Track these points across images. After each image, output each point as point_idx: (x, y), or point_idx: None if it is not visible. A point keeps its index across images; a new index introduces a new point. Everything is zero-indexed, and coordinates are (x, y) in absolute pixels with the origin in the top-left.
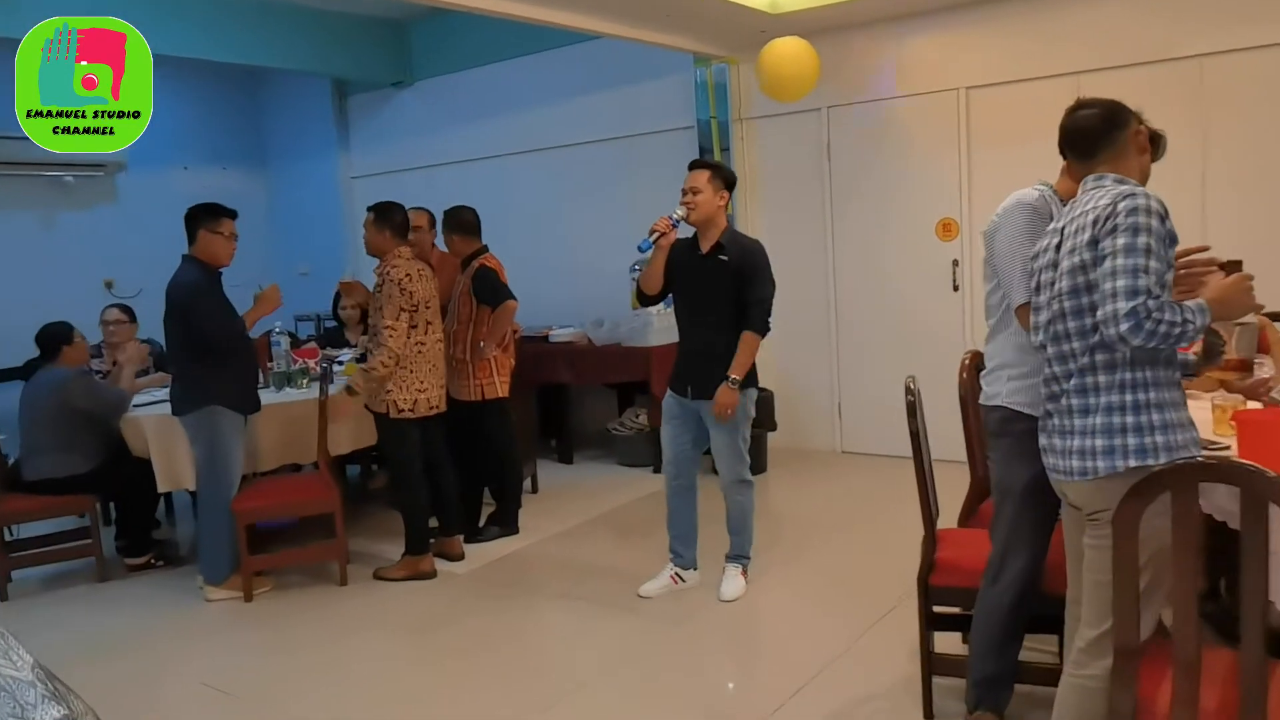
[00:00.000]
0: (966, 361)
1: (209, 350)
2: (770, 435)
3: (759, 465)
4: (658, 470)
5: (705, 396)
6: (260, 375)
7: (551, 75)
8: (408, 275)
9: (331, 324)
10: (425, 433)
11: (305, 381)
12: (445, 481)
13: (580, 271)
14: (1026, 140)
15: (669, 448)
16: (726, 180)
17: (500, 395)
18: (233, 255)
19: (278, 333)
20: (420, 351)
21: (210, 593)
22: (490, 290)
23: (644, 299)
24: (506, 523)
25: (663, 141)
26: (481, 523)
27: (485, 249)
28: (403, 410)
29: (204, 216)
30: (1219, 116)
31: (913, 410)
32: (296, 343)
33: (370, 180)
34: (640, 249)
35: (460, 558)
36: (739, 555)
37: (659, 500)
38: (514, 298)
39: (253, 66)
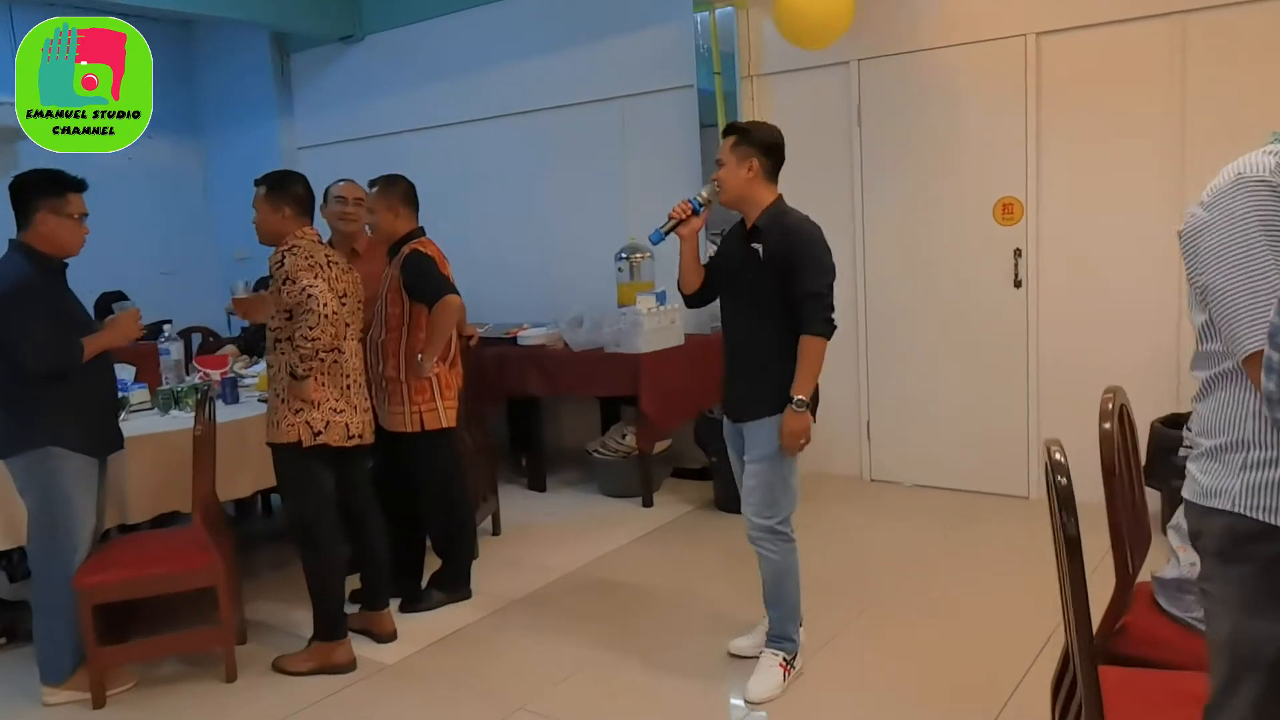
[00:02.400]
0: (1110, 405)
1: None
2: None
3: None
4: (648, 503)
5: (741, 418)
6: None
7: (524, 27)
8: (314, 258)
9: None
10: (344, 471)
11: (194, 402)
12: (372, 536)
13: (558, 260)
14: (1115, 101)
15: (738, 483)
16: (758, 144)
17: (445, 425)
18: (83, 242)
19: (166, 338)
20: (336, 363)
21: (48, 695)
22: (424, 281)
23: (688, 300)
24: (455, 585)
25: (656, 104)
26: (423, 584)
27: (420, 231)
28: (318, 434)
29: (44, 190)
30: None
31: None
32: (211, 345)
33: (318, 151)
34: (650, 241)
35: (392, 637)
36: (776, 638)
37: (658, 545)
38: (456, 291)
39: (179, 15)
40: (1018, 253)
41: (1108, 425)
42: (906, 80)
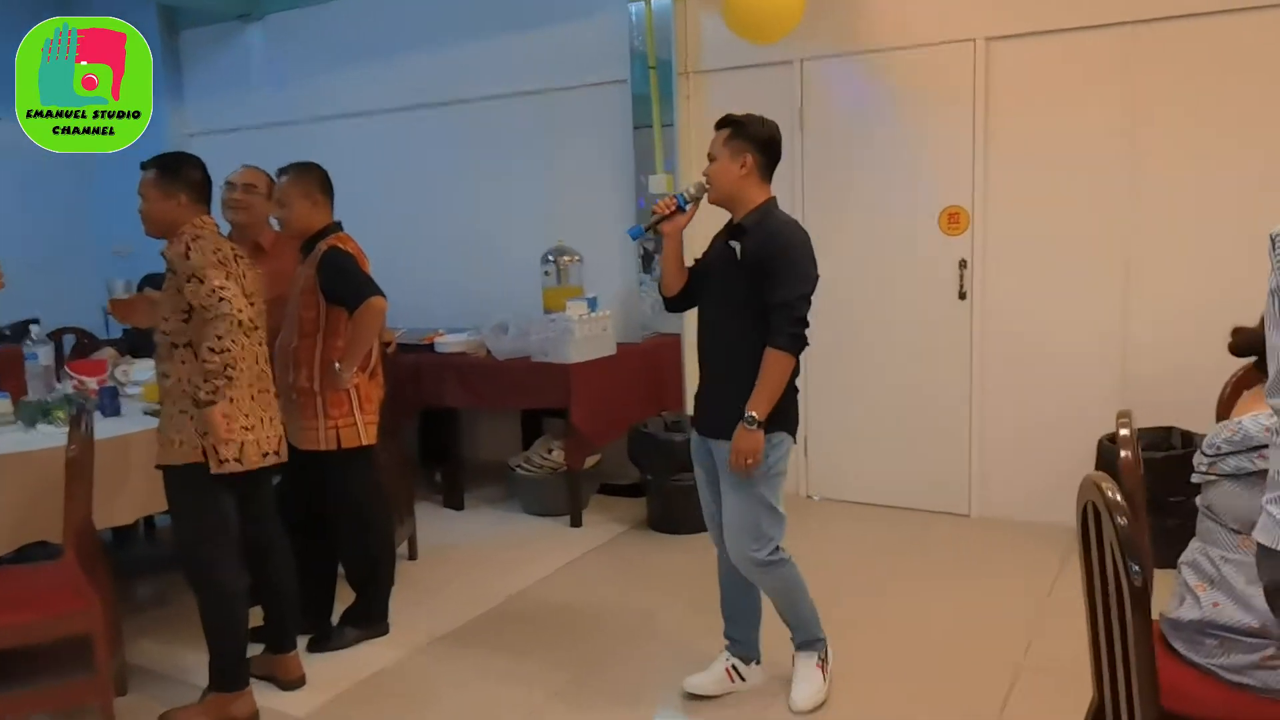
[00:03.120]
0: (1127, 432)
1: None
2: None
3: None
4: (577, 523)
5: (715, 435)
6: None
7: (443, 10)
8: (218, 250)
9: None
10: (248, 494)
11: (66, 415)
12: (277, 568)
13: (478, 262)
14: (1064, 110)
15: (703, 502)
16: (754, 139)
17: (364, 443)
18: None
19: (33, 340)
20: (241, 372)
21: None
22: (345, 282)
23: (668, 304)
24: (371, 620)
25: (587, 99)
26: (335, 620)
27: (338, 226)
28: (225, 461)
29: None
30: None
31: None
32: (87, 348)
33: (212, 139)
34: (631, 236)
35: (299, 683)
36: (808, 641)
37: (592, 570)
38: (380, 292)
39: None
40: (963, 264)
41: (1127, 453)
42: (852, 82)
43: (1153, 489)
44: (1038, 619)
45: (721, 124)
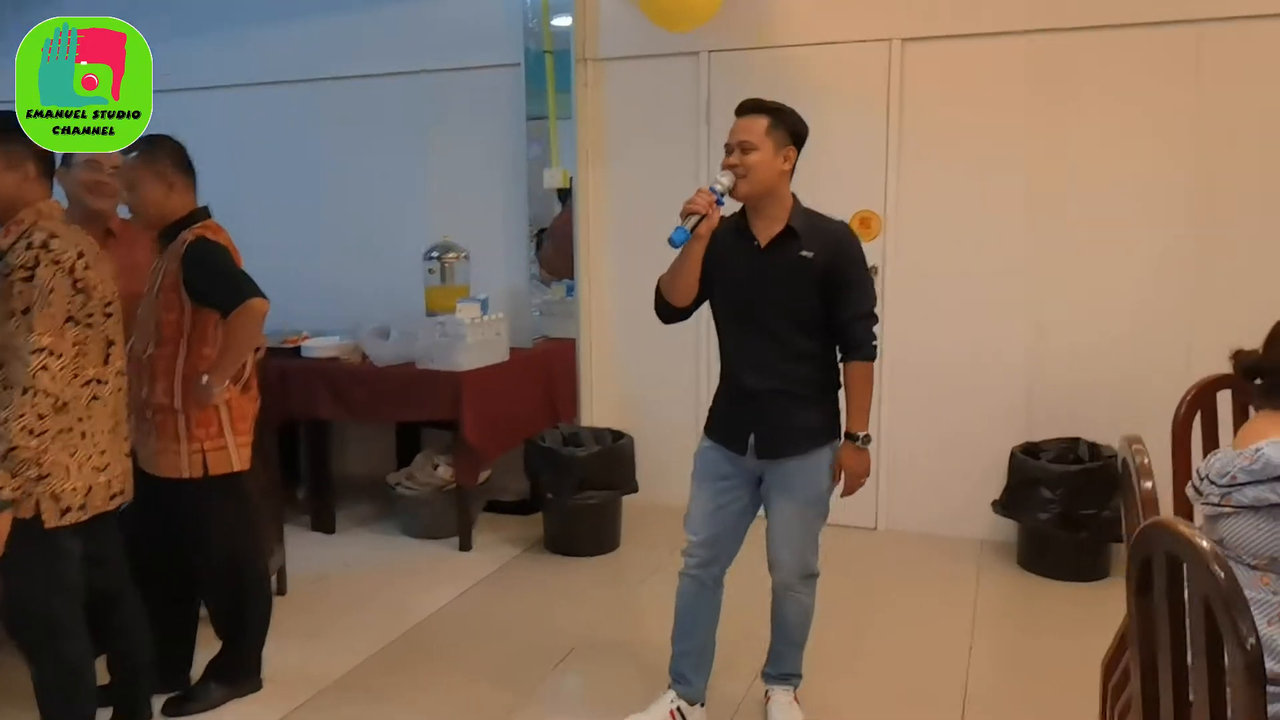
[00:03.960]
0: (1144, 460)
1: None
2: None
3: (611, 538)
4: (466, 547)
5: (775, 455)
6: None
7: None
8: (79, 254)
9: None
10: (92, 538)
11: None
12: (127, 622)
13: (353, 257)
14: (974, 115)
15: (706, 521)
16: (794, 133)
17: (236, 468)
18: None
19: None
20: (96, 399)
21: None
22: (217, 280)
23: (667, 312)
24: (240, 674)
25: (476, 82)
26: (197, 676)
27: (204, 212)
28: (68, 510)
29: None
30: (1216, 91)
31: None
32: None
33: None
34: (672, 243)
35: None
36: (791, 674)
37: (491, 600)
38: (261, 293)
39: None
40: (874, 270)
41: (1149, 484)
42: (763, 78)
43: (1066, 502)
44: (970, 643)
45: (753, 109)
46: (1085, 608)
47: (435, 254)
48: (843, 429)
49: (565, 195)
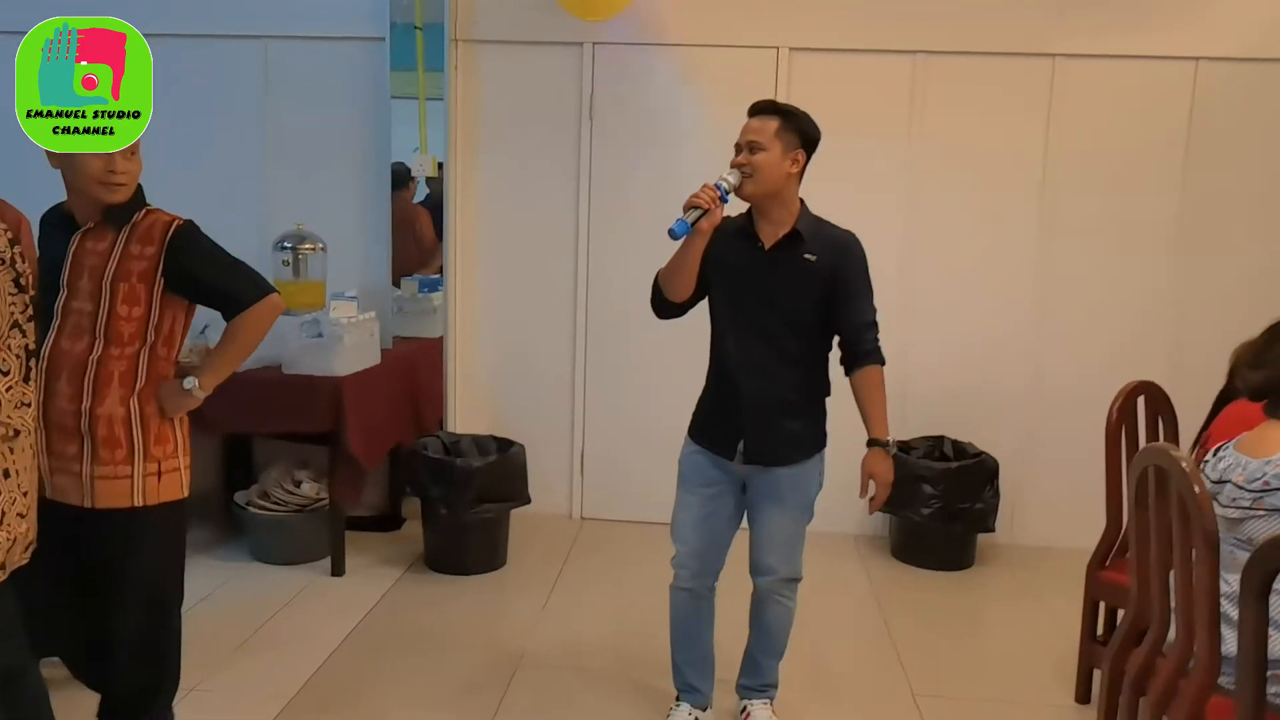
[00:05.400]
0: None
1: None
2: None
3: (498, 555)
4: (339, 571)
5: (765, 462)
6: None
7: None
8: (11, 239)
9: None
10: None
11: None
12: (31, 706)
13: None
14: (856, 128)
15: (696, 530)
16: (805, 136)
17: (185, 494)
18: None
19: None
20: (20, 414)
21: None
22: (227, 271)
23: (663, 308)
24: None
25: (334, 56)
26: None
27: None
28: None
29: None
30: (1069, 122)
31: None
32: None
33: None
34: (673, 235)
35: None
36: (770, 685)
37: (390, 636)
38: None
39: None
40: None
41: (1200, 489)
42: (651, 75)
43: (945, 498)
44: (891, 637)
45: (765, 110)
46: (969, 592)
47: (288, 244)
48: (827, 437)
49: (407, 178)
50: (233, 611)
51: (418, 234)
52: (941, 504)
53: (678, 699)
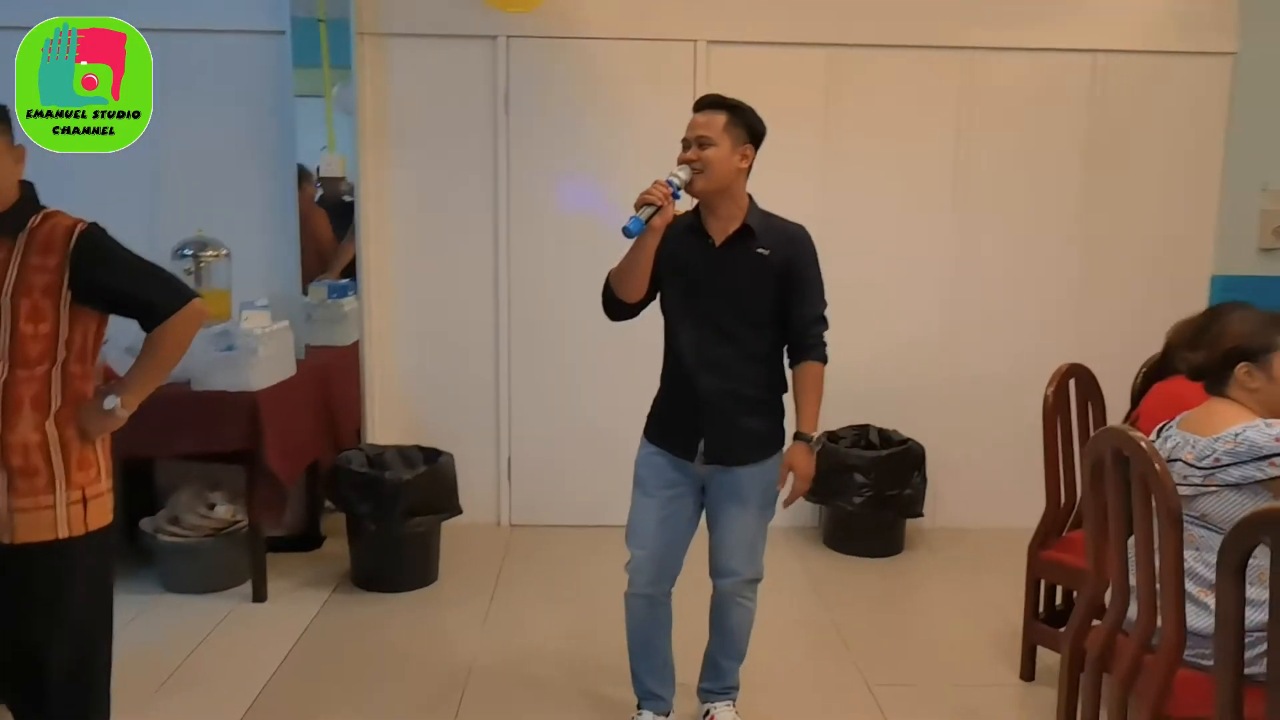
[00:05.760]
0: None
1: None
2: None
3: (430, 569)
4: (261, 597)
5: (726, 461)
6: None
7: None
8: None
9: None
10: None
11: None
12: None
13: None
14: (774, 122)
15: (655, 533)
16: (752, 131)
17: (110, 520)
18: None
19: None
20: None
21: None
22: (143, 278)
23: (616, 308)
24: None
25: (231, 50)
26: None
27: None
28: None
29: None
30: (979, 113)
31: None
32: None
33: None
34: (627, 233)
35: None
36: (732, 686)
37: (341, 653)
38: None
39: None
40: None
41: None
42: (568, 70)
43: (876, 485)
44: (836, 627)
45: (712, 105)
46: (903, 577)
47: (189, 251)
48: (786, 433)
49: (305, 178)
50: (150, 648)
51: (316, 237)
52: (872, 492)
53: (639, 707)
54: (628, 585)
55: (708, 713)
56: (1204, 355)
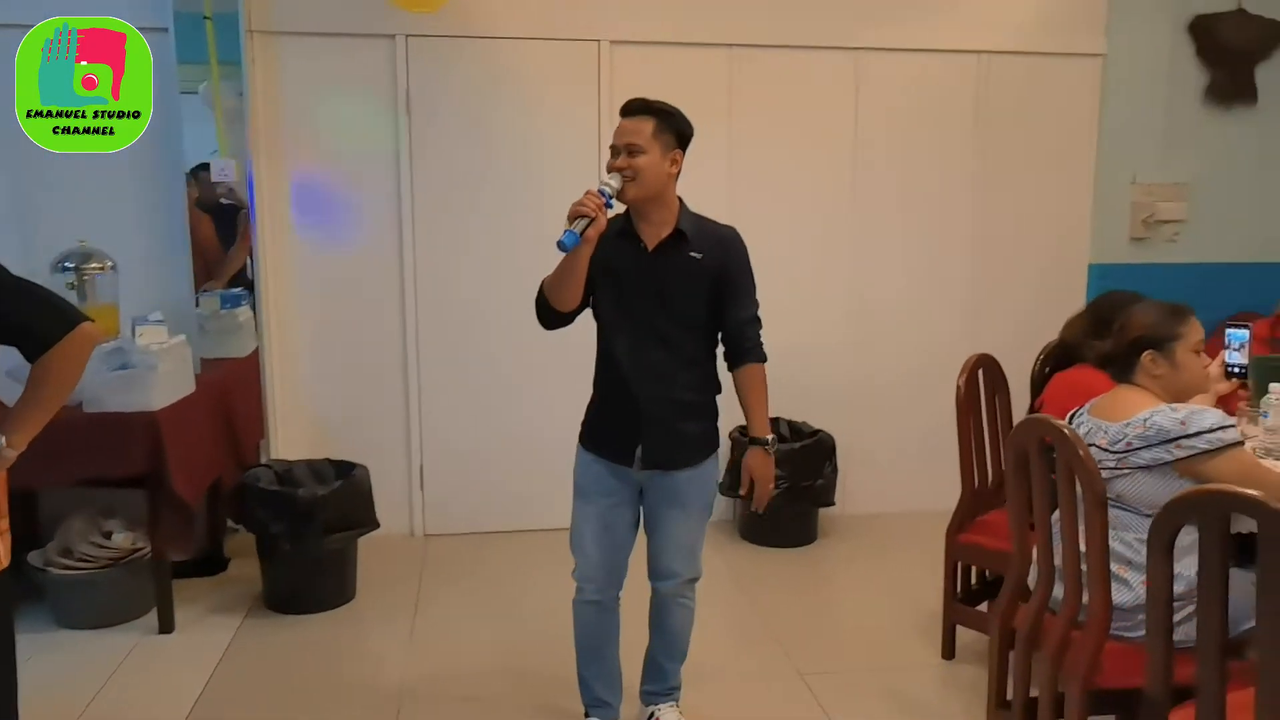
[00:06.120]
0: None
1: None
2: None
3: (348, 587)
4: (168, 628)
5: (664, 465)
6: None
7: None
8: None
9: None
10: None
11: None
12: None
13: None
14: None
15: (598, 543)
16: (680, 135)
17: (4, 565)
18: None
19: None
20: None
21: None
22: (27, 303)
23: (551, 317)
24: None
25: None
26: None
27: None
28: None
29: None
30: (874, 112)
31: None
32: None
33: None
34: (562, 247)
35: None
36: (675, 687)
37: (263, 685)
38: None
39: None
40: None
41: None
42: (469, 70)
43: (791, 476)
44: (763, 619)
45: (639, 110)
46: (820, 566)
47: (70, 264)
48: (720, 436)
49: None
50: (52, 690)
51: (201, 243)
52: (788, 483)
53: (587, 715)
54: (576, 592)
55: (652, 715)
56: (1111, 344)
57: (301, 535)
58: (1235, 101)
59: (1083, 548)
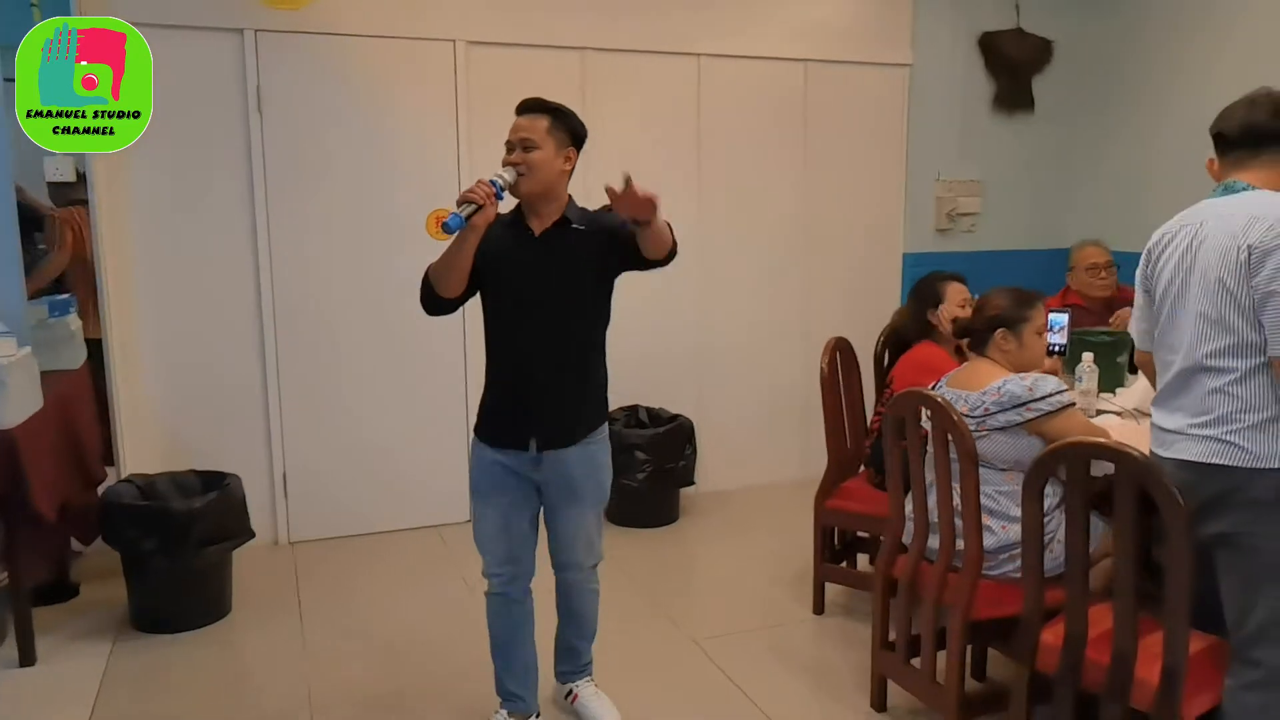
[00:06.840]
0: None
1: None
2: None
3: (224, 601)
4: (29, 660)
5: (557, 445)
6: None
7: None
8: None
9: None
10: None
11: None
12: None
13: None
14: None
15: (499, 540)
16: (574, 135)
17: None
18: None
19: None
20: None
21: None
22: None
23: (435, 304)
24: None
25: None
26: None
27: None
28: None
29: None
30: (714, 114)
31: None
32: None
33: None
34: (446, 229)
35: None
36: (588, 663)
37: (154, 712)
38: None
39: None
40: None
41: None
42: (323, 67)
43: (655, 460)
44: (652, 598)
45: (534, 108)
46: (688, 542)
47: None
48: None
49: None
50: None
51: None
52: (653, 467)
53: (500, 707)
54: (487, 586)
55: (570, 692)
56: (971, 319)
57: (176, 550)
58: (1016, 109)
59: (956, 501)
